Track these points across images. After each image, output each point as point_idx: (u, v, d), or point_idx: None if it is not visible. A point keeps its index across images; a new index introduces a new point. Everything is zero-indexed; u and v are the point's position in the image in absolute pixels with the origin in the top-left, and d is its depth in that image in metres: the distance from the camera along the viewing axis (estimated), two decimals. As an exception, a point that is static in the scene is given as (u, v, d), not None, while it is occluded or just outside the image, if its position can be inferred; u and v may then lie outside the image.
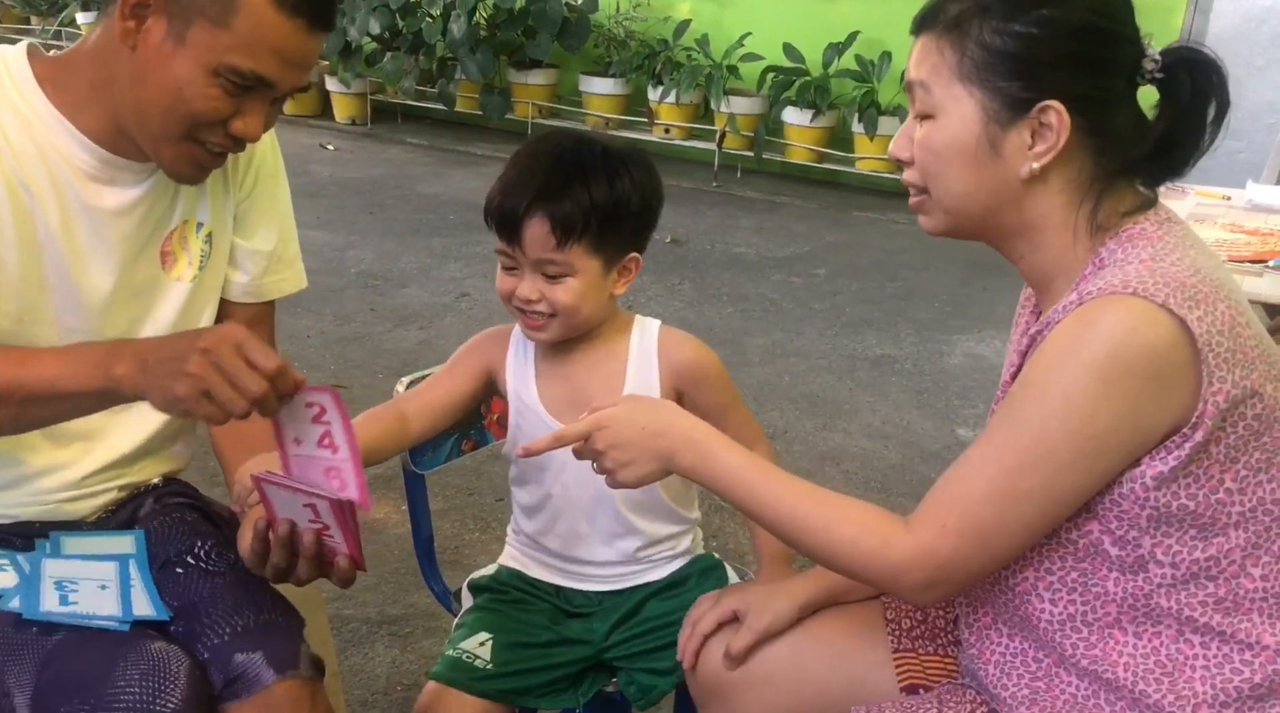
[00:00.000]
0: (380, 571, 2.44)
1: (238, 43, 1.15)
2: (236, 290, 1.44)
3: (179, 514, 1.38)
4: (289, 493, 1.11)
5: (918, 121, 1.10)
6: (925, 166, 1.10)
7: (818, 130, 5.89)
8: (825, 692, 1.26)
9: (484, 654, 1.41)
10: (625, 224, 1.33)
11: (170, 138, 1.21)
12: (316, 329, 3.80)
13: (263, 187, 1.42)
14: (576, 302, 1.32)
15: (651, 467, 1.15)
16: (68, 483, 1.34)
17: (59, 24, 7.81)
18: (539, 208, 1.28)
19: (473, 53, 6.25)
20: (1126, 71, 1.05)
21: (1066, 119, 1.02)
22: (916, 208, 1.14)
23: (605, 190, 1.30)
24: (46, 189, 1.23)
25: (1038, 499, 1.01)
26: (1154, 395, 0.97)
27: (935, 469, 3.07)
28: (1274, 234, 2.45)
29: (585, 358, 1.40)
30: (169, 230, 1.34)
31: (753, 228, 5.36)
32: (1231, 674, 1.04)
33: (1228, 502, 1.01)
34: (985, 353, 3.96)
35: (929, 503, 1.07)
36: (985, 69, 1.04)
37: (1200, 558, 1.02)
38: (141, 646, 1.16)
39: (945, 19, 1.06)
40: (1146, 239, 1.04)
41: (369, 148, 6.63)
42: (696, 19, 6.25)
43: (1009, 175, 1.06)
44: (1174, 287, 0.96)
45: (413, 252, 4.75)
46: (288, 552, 1.15)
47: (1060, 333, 1.00)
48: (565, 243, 1.29)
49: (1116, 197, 1.07)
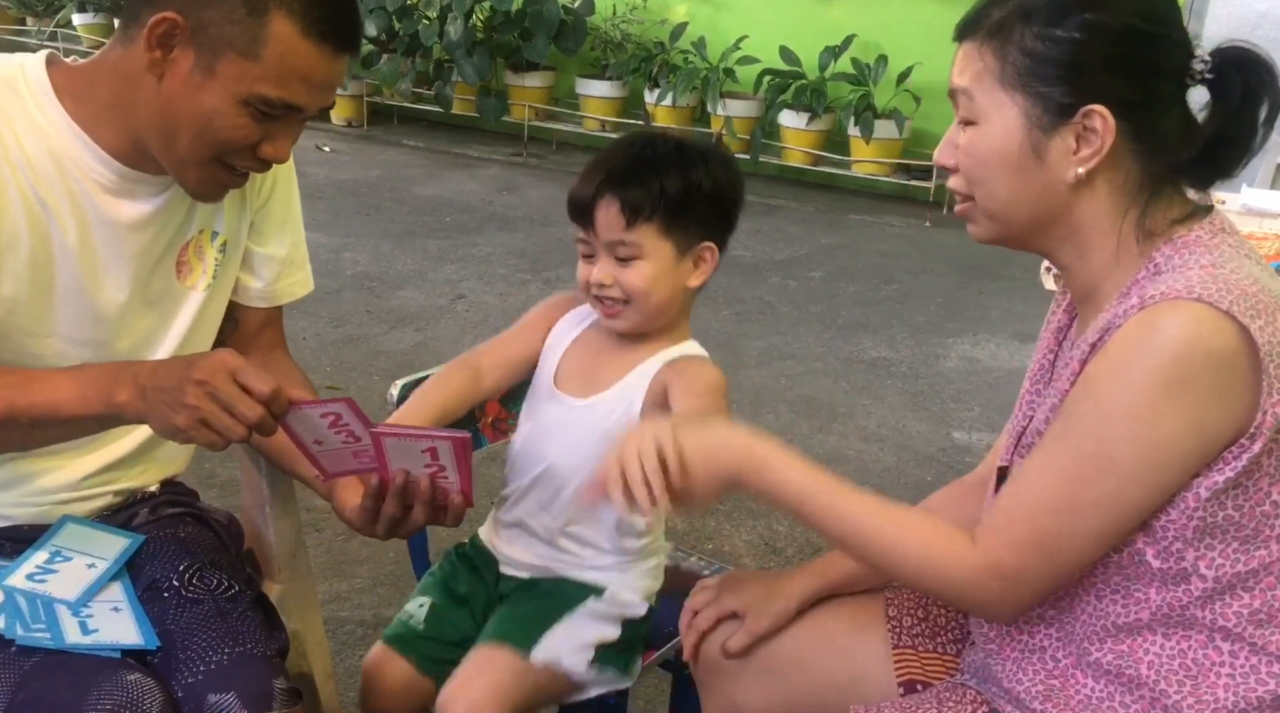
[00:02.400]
0: (375, 573, 2.44)
1: (267, 73, 1.15)
2: (251, 296, 1.44)
3: (173, 528, 1.38)
4: (409, 441, 1.16)
5: (961, 128, 1.09)
6: (970, 173, 1.09)
7: (814, 133, 5.90)
8: (824, 684, 1.28)
9: (419, 616, 1.47)
10: (697, 209, 1.35)
11: (197, 162, 1.21)
12: (312, 331, 3.80)
13: (279, 193, 1.43)
14: (648, 286, 1.35)
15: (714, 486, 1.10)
16: (64, 485, 1.34)
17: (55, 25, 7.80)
18: (609, 189, 1.33)
19: (469, 55, 6.25)
20: (1174, 74, 1.03)
21: (1111, 123, 1.01)
22: (963, 215, 1.13)
23: (676, 175, 1.34)
24: (64, 203, 1.23)
25: (1104, 510, 0.99)
26: (1217, 403, 0.96)
27: (930, 472, 3.09)
28: (1269, 238, 2.46)
29: (620, 349, 1.42)
30: (185, 241, 1.34)
31: (749, 230, 5.36)
32: (1256, 685, 1.04)
33: (1272, 514, 1.01)
34: (980, 356, 3.97)
35: (994, 515, 1.06)
36: (1028, 75, 1.03)
37: (1241, 570, 1.02)
38: (116, 676, 1.15)
39: (988, 25, 1.05)
40: (1204, 247, 1.02)
41: (365, 150, 6.63)
42: (693, 22, 6.26)
43: (1054, 181, 1.05)
44: (1237, 295, 0.95)
45: (409, 254, 4.75)
46: (402, 500, 1.21)
47: (1122, 338, 0.98)
48: (634, 223, 1.32)
49: (1165, 202, 1.06)
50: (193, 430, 1.10)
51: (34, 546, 1.30)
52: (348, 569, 2.44)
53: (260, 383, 1.10)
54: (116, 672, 1.15)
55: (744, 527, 2.78)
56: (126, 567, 1.32)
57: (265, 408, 1.10)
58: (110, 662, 1.17)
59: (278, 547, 1.54)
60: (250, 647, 1.24)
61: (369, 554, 2.47)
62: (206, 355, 1.14)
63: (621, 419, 1.38)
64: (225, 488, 2.48)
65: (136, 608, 1.26)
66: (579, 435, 1.39)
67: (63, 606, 1.23)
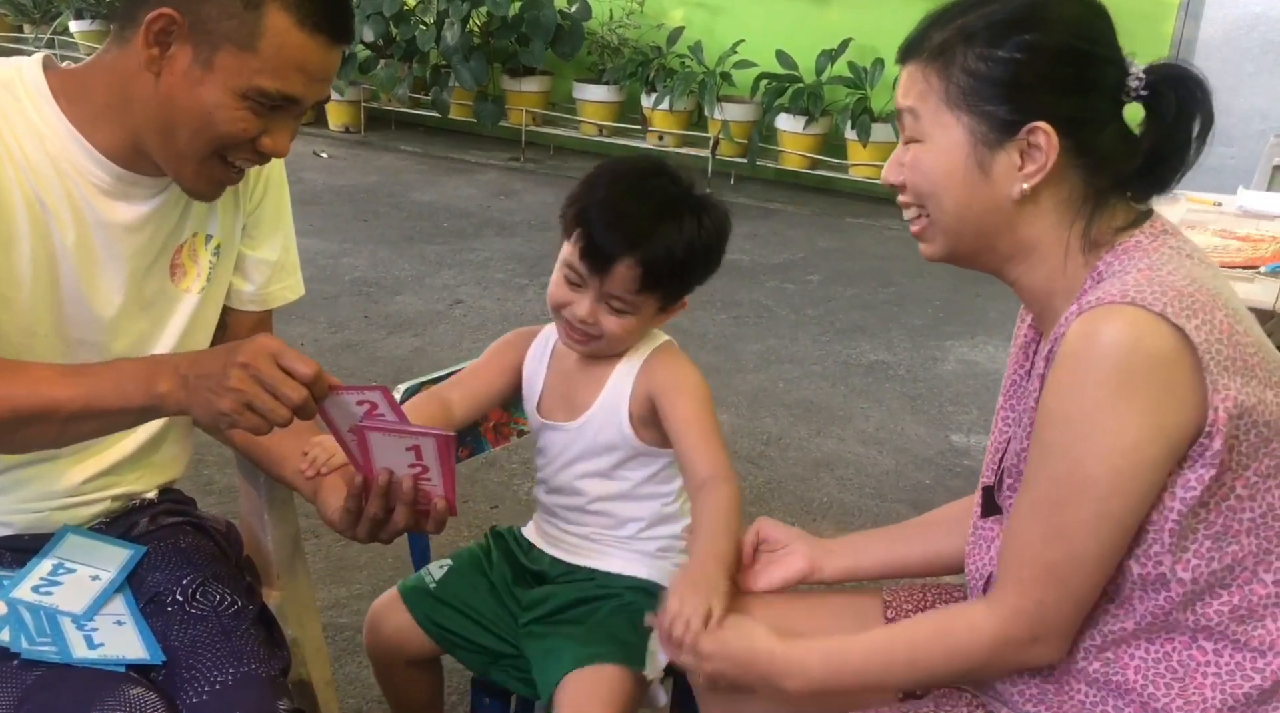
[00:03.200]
0: (374, 579, 2.43)
1: (264, 65, 1.16)
2: (242, 299, 1.45)
3: (173, 539, 1.38)
4: (394, 436, 1.16)
5: (906, 146, 1.11)
6: (917, 189, 1.11)
7: (811, 137, 5.90)
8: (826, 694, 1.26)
9: (436, 575, 1.52)
10: (694, 277, 1.41)
11: (196, 157, 1.22)
12: (310, 337, 3.80)
13: (271, 197, 1.43)
14: (626, 336, 1.41)
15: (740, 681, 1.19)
16: (62, 490, 1.33)
17: (52, 32, 7.80)
18: (635, 253, 1.34)
19: (466, 60, 6.25)
20: (1110, 91, 1.06)
21: (1055, 139, 1.03)
22: (918, 236, 1.15)
23: (692, 245, 1.37)
24: (62, 203, 1.23)
25: (1096, 529, 1.01)
26: (1171, 402, 0.97)
27: (929, 475, 3.09)
28: (1265, 240, 2.46)
29: (588, 364, 1.46)
30: (179, 244, 1.35)
31: (746, 234, 5.37)
32: (1242, 681, 1.04)
33: (1239, 509, 1.01)
34: (978, 359, 3.97)
35: (1000, 566, 1.09)
36: (971, 94, 1.05)
37: (1217, 569, 1.03)
38: (120, 691, 1.15)
39: (930, 47, 1.08)
40: (1142, 251, 1.05)
41: (362, 155, 6.63)
42: (689, 26, 6.26)
43: (1000, 196, 1.07)
44: (1171, 296, 0.97)
45: (406, 259, 4.75)
46: (384, 502, 1.21)
47: (1066, 350, 1.00)
48: (644, 290, 1.36)
49: (1109, 213, 1.08)
50: (237, 414, 1.10)
51: (37, 556, 1.30)
52: (347, 575, 2.44)
53: (303, 365, 1.11)
54: (119, 686, 1.15)
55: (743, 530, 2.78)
56: (127, 579, 1.31)
57: (308, 390, 1.10)
58: (113, 676, 1.17)
59: (276, 554, 1.54)
60: (254, 667, 1.24)
61: (368, 560, 2.47)
62: (248, 341, 1.14)
63: (616, 429, 1.44)
64: (224, 494, 2.48)
65: (140, 622, 1.26)
66: (581, 453, 1.47)
67: (67, 619, 1.22)
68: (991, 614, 1.07)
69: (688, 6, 6.38)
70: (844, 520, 2.85)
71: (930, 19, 1.10)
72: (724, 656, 1.17)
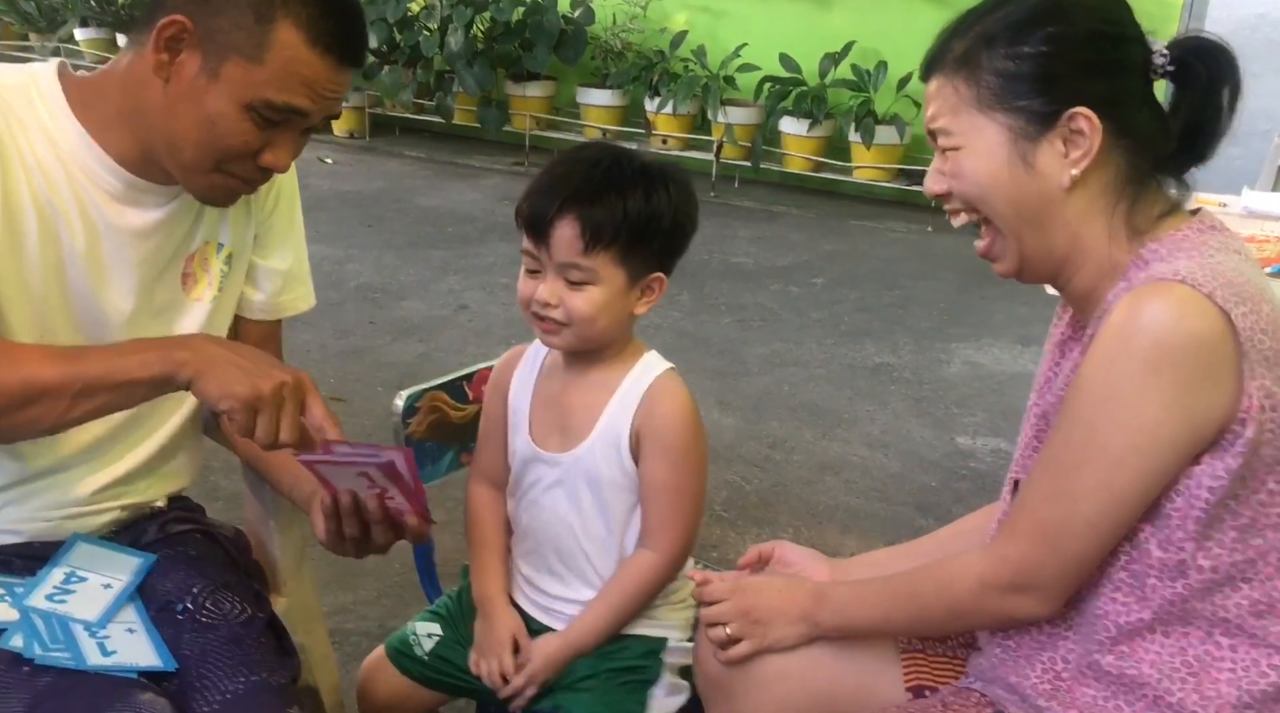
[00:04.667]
0: (381, 584, 2.44)
1: (271, 78, 1.17)
2: (253, 308, 1.45)
3: (182, 546, 1.39)
4: (339, 468, 1.16)
5: (943, 155, 1.12)
6: (965, 196, 1.12)
7: (815, 140, 5.90)
8: (832, 692, 1.27)
9: (427, 646, 1.48)
10: (656, 239, 1.31)
11: (201, 169, 1.22)
12: (316, 343, 3.81)
13: (283, 206, 1.44)
14: (594, 312, 1.30)
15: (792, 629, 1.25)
16: (73, 500, 1.34)
17: (58, 40, 7.82)
18: (571, 210, 1.27)
19: (470, 66, 6.26)
20: (1140, 70, 1.08)
21: (1097, 122, 1.05)
22: (987, 253, 1.15)
23: (640, 202, 1.28)
24: (72, 208, 1.24)
25: (1097, 498, 1.02)
26: (1200, 387, 0.97)
27: (935, 477, 3.09)
28: (1270, 241, 2.46)
29: (580, 384, 1.39)
30: (191, 252, 1.35)
31: (750, 238, 5.37)
32: (1258, 678, 1.04)
33: (1269, 504, 1.02)
34: (984, 361, 3.97)
35: (1007, 512, 1.12)
36: (1004, 93, 1.07)
37: (1239, 560, 1.03)
38: (130, 696, 1.15)
39: (953, 57, 1.09)
40: (1191, 243, 1.06)
41: (367, 161, 6.64)
42: (693, 30, 6.26)
43: (1050, 187, 1.08)
44: (1222, 281, 0.98)
45: (412, 265, 4.75)
46: (358, 521, 1.21)
47: (1110, 326, 1.01)
48: (593, 248, 1.27)
49: (1149, 199, 1.09)
50: (240, 407, 1.10)
51: (48, 564, 1.30)
52: (353, 581, 2.44)
53: (318, 412, 1.13)
54: (130, 692, 1.16)
55: (748, 535, 2.78)
56: (138, 588, 1.32)
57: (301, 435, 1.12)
58: (124, 682, 1.17)
59: (282, 560, 1.54)
60: (265, 675, 1.24)
61: (374, 566, 2.46)
62: (296, 370, 1.16)
63: (613, 462, 1.36)
64: (231, 500, 2.48)
65: (151, 630, 1.27)
66: (574, 487, 1.38)
67: (80, 626, 1.23)
68: (982, 558, 1.11)
69: (691, 10, 6.39)
70: (850, 524, 2.85)
71: (948, 31, 1.12)
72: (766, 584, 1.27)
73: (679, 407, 1.35)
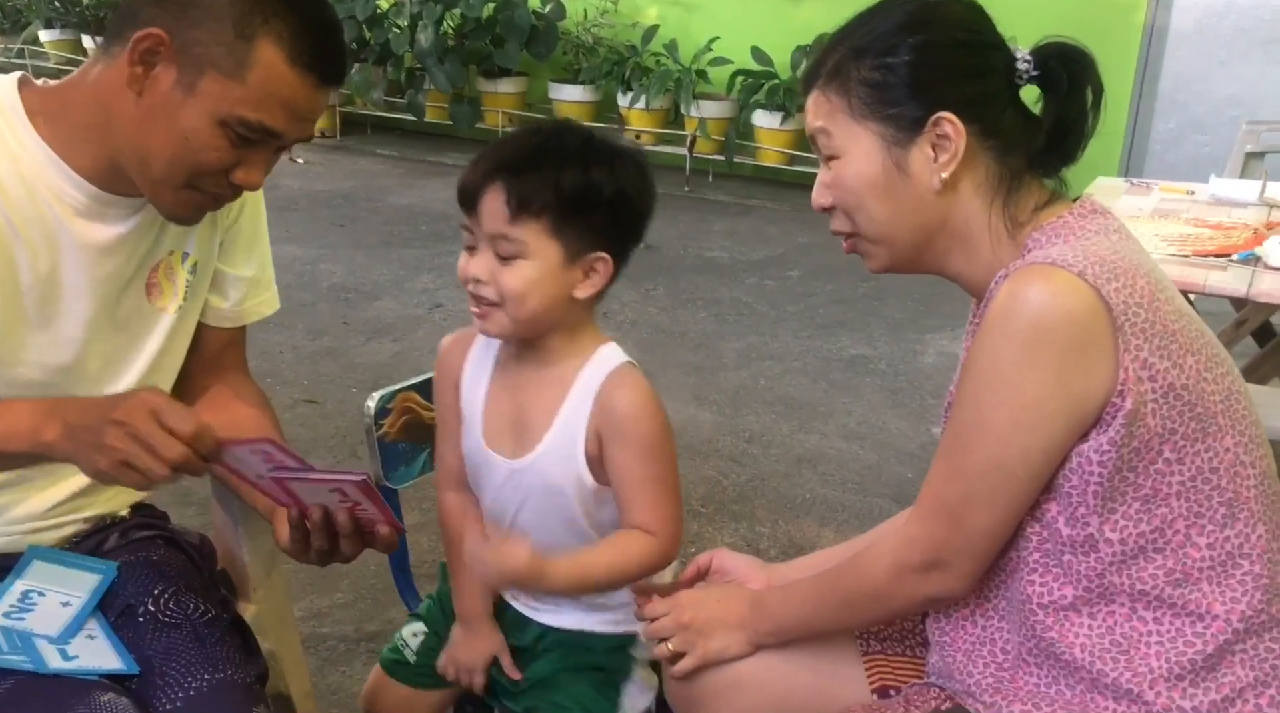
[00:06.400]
0: (357, 587, 2.42)
1: (249, 96, 1.15)
2: (218, 316, 1.43)
3: (144, 552, 1.37)
4: (311, 485, 1.14)
5: (827, 166, 1.17)
6: (845, 204, 1.16)
7: (788, 133, 5.91)
8: (798, 696, 1.27)
9: (413, 645, 1.46)
10: (593, 212, 1.22)
11: (172, 184, 1.20)
12: (289, 345, 3.78)
13: (248, 213, 1.42)
14: (524, 289, 1.21)
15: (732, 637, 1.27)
16: (33, 514, 1.32)
17: (22, 42, 7.72)
18: (499, 177, 1.21)
19: (441, 63, 6.23)
20: (1003, 73, 1.12)
21: (960, 126, 1.09)
22: (852, 251, 1.21)
23: (576, 172, 1.21)
24: (33, 228, 1.21)
25: (990, 474, 1.06)
26: (1078, 363, 1.01)
27: (911, 469, 3.09)
28: (1237, 227, 2.48)
29: (535, 380, 1.32)
30: (156, 262, 1.33)
31: (725, 232, 5.37)
32: (1185, 647, 1.06)
33: (1167, 472, 1.04)
34: (958, 351, 3.96)
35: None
36: (873, 103, 1.12)
37: (1146, 530, 1.05)
38: (90, 697, 1.13)
39: (825, 71, 1.15)
40: (1069, 228, 1.10)
41: (339, 160, 6.60)
42: (664, 24, 6.26)
43: (922, 191, 1.12)
44: (1092, 261, 1.02)
45: (384, 264, 4.72)
46: (326, 534, 1.18)
47: (990, 311, 1.05)
48: (520, 216, 1.20)
49: (1026, 192, 1.14)
50: (115, 472, 1.07)
51: (8, 578, 1.28)
52: (328, 584, 2.42)
53: (182, 423, 1.06)
54: (91, 693, 1.14)
55: (725, 530, 2.78)
56: None
57: (190, 447, 1.06)
58: (84, 684, 1.16)
59: (252, 566, 1.52)
60: (229, 673, 1.22)
61: (349, 569, 2.44)
62: (128, 395, 1.11)
63: (568, 470, 1.29)
64: (203, 505, 2.45)
65: (111, 635, 1.25)
66: (528, 495, 1.32)
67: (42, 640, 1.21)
68: (895, 541, 1.15)
69: (662, 4, 6.38)
70: (827, 517, 2.85)
71: (821, 49, 1.18)
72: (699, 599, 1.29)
73: (637, 400, 1.27)
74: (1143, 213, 2.60)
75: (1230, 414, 1.07)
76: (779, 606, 1.26)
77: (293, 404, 3.26)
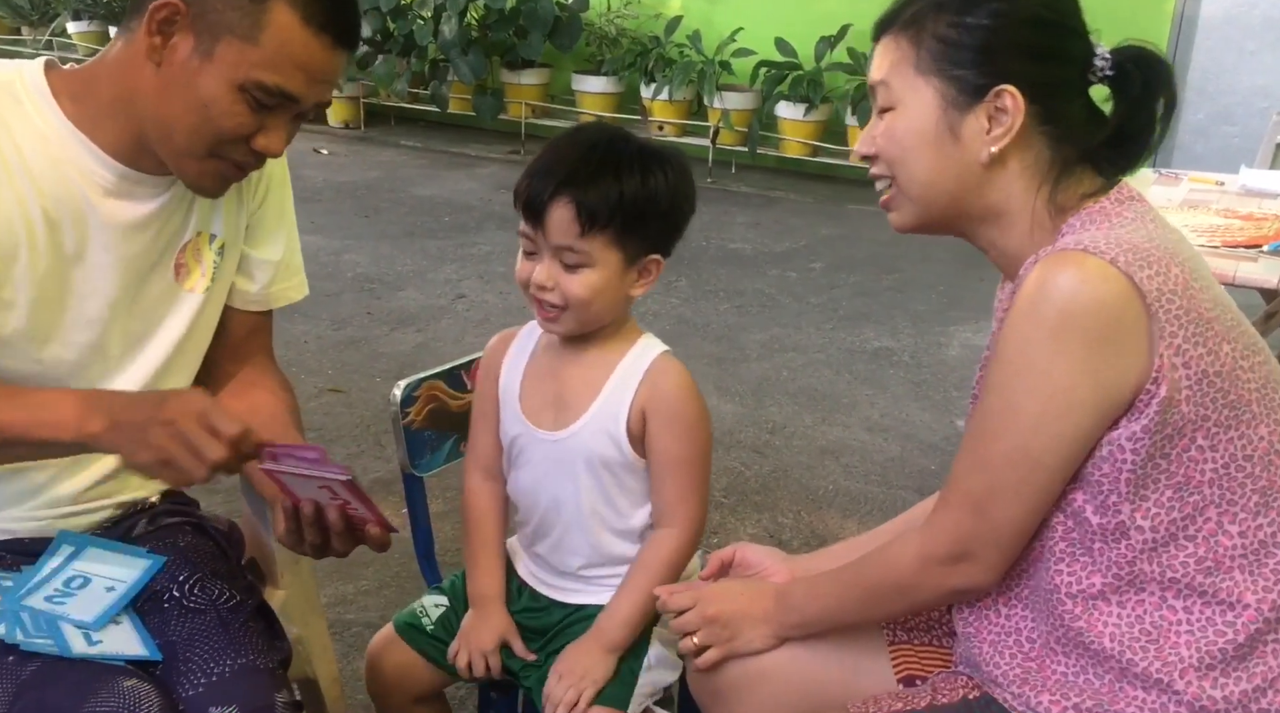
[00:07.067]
0: (382, 574, 2.44)
1: (265, 59, 1.16)
2: (245, 299, 1.44)
3: (172, 538, 1.38)
4: (301, 479, 1.15)
5: (879, 117, 1.15)
6: (889, 156, 1.14)
7: (811, 124, 5.88)
8: (824, 687, 1.27)
9: (432, 615, 1.48)
10: (652, 222, 1.30)
11: (194, 154, 1.21)
12: (313, 334, 3.80)
13: (274, 196, 1.43)
14: (590, 296, 1.29)
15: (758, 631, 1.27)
16: (65, 498, 1.33)
17: (50, 34, 7.79)
18: (566, 192, 1.26)
19: (464, 54, 6.24)
20: (1077, 64, 1.10)
21: (1021, 103, 1.07)
22: (886, 205, 1.18)
23: (636, 184, 1.28)
24: (62, 208, 1.23)
25: (1017, 464, 1.05)
26: (1109, 351, 1.00)
27: (934, 461, 3.08)
28: (1268, 218, 2.45)
29: (575, 363, 1.38)
30: (183, 242, 1.34)
31: (748, 223, 5.36)
32: (1215, 637, 1.05)
33: (1200, 459, 1.03)
34: (983, 343, 3.94)
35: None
36: (942, 59, 1.09)
37: (1178, 518, 1.04)
38: (114, 682, 1.15)
39: (903, 18, 1.13)
40: (1105, 215, 1.09)
41: (363, 151, 6.62)
42: (687, 15, 6.24)
43: (969, 160, 1.11)
44: (1125, 248, 1.00)
45: (408, 254, 4.74)
46: (318, 529, 1.20)
47: (1020, 297, 1.04)
48: (588, 231, 1.26)
49: (1075, 180, 1.11)
50: (156, 469, 1.10)
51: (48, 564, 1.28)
52: (353, 572, 2.44)
53: (227, 426, 1.10)
54: (114, 678, 1.15)
55: (748, 520, 2.78)
56: None
57: (232, 449, 1.10)
58: (108, 669, 1.17)
59: (279, 552, 1.54)
60: (252, 658, 1.23)
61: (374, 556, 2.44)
62: (177, 395, 1.14)
63: (609, 442, 1.35)
64: (230, 493, 2.47)
65: (136, 621, 1.26)
66: (569, 467, 1.37)
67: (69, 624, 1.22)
68: (920, 533, 1.14)
69: (685, -5, 6.37)
70: (849, 508, 2.85)
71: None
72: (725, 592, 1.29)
73: (683, 382, 1.36)
74: (1172, 204, 2.58)
75: (1266, 402, 1.05)
76: (804, 599, 1.26)
77: (317, 393, 3.29)
